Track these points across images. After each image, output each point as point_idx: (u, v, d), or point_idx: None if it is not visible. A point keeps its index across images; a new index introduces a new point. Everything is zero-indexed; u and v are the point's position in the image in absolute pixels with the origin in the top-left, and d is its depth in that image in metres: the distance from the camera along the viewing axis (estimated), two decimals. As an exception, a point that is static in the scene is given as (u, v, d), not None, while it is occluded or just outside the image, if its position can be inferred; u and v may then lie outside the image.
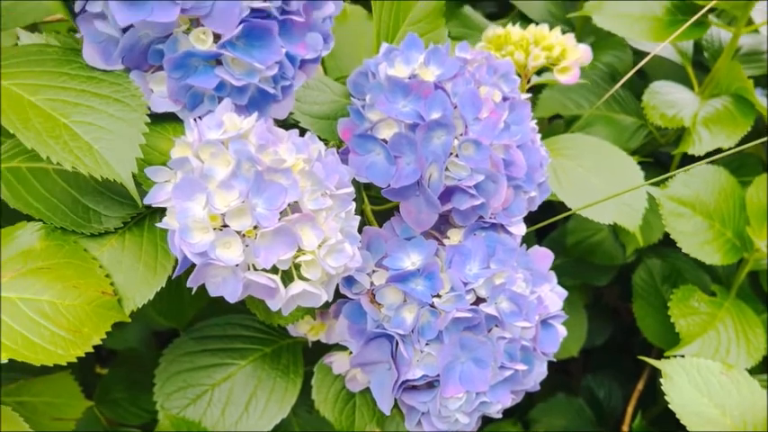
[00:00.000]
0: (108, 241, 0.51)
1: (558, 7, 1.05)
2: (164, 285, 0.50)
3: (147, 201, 0.45)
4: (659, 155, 0.97)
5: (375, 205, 0.64)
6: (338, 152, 0.52)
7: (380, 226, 0.59)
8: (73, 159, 0.42)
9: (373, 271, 0.53)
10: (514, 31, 0.65)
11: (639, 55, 0.95)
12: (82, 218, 0.50)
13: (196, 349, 0.65)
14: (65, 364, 0.45)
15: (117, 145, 0.44)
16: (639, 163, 0.74)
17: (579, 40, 0.73)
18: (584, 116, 0.83)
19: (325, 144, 0.52)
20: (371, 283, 0.53)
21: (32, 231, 0.49)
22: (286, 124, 0.54)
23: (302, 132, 0.49)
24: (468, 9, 0.98)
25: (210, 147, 0.44)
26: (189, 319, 0.70)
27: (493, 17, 1.24)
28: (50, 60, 0.47)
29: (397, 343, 0.52)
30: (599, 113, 0.86)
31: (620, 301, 1.11)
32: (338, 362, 0.61)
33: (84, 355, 0.46)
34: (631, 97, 0.89)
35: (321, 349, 0.65)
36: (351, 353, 0.59)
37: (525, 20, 1.07)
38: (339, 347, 0.63)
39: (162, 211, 0.52)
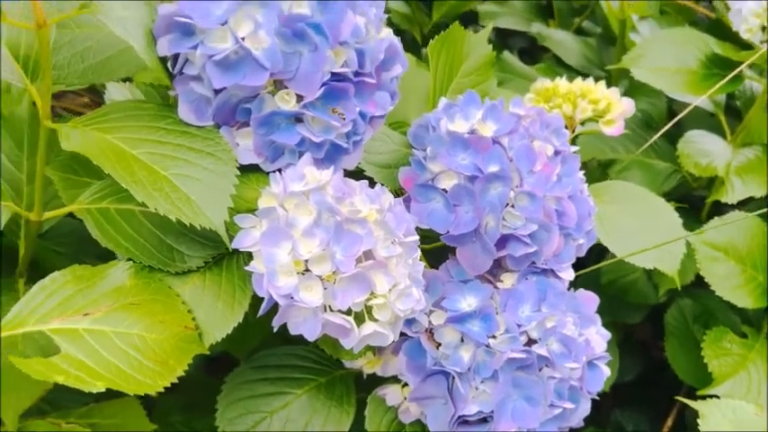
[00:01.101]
0: (190, 279, 0.55)
1: (594, 52, 1.10)
2: (240, 321, 0.54)
3: (234, 245, 0.49)
4: (691, 197, 1.00)
5: (423, 244, 0.68)
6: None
7: (430, 264, 0.63)
8: (176, 210, 0.47)
9: (431, 311, 0.57)
10: (562, 84, 0.69)
11: (672, 101, 0.99)
12: (167, 257, 0.55)
13: (255, 378, 0.69)
14: (155, 394, 0.49)
15: (211, 196, 0.49)
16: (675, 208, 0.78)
17: (614, 85, 0.77)
18: (623, 162, 0.87)
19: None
20: (429, 322, 0.57)
21: (123, 269, 0.53)
22: (351, 172, 0.59)
23: (369, 181, 0.54)
24: (507, 55, 1.03)
25: (294, 198, 0.48)
26: (250, 349, 0.74)
27: (524, 53, 1.29)
28: (147, 116, 0.51)
29: (453, 380, 0.55)
30: (635, 158, 0.90)
31: (650, 339, 1.13)
32: (391, 394, 0.64)
33: (169, 386, 0.50)
34: (665, 143, 0.93)
35: (371, 380, 0.69)
36: (403, 386, 0.63)
37: (560, 63, 1.11)
38: (392, 380, 0.66)
39: (239, 253, 0.56)
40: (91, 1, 0.46)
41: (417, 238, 0.52)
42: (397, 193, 0.62)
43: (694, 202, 1.01)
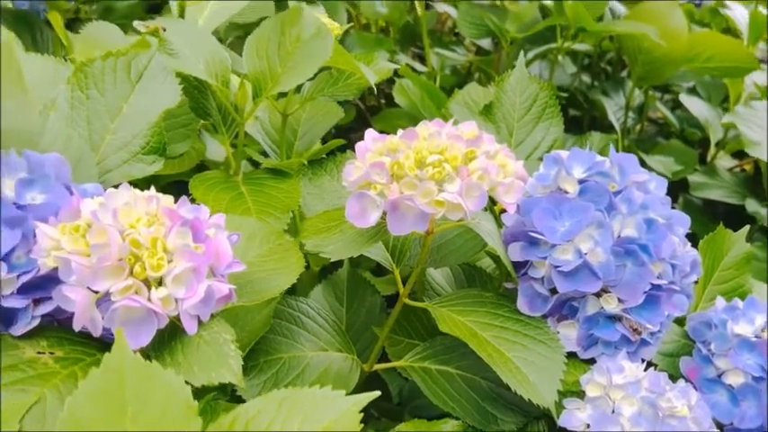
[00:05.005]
0: (500, 440, 0.65)
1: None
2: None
3: (561, 423, 0.59)
4: None
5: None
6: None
7: None
8: (522, 390, 0.57)
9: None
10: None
11: None
12: (484, 418, 0.64)
13: None
14: None
15: (545, 378, 0.59)
16: None
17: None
18: None
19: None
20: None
21: (452, 426, 0.64)
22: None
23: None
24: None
25: (620, 390, 0.58)
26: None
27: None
28: (489, 304, 0.63)
29: None
30: None
31: None
32: None
33: None
34: None
35: None
36: None
37: None
38: None
39: (539, 424, 0.65)
40: (468, 219, 0.60)
41: (717, 430, 0.59)
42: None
43: None
